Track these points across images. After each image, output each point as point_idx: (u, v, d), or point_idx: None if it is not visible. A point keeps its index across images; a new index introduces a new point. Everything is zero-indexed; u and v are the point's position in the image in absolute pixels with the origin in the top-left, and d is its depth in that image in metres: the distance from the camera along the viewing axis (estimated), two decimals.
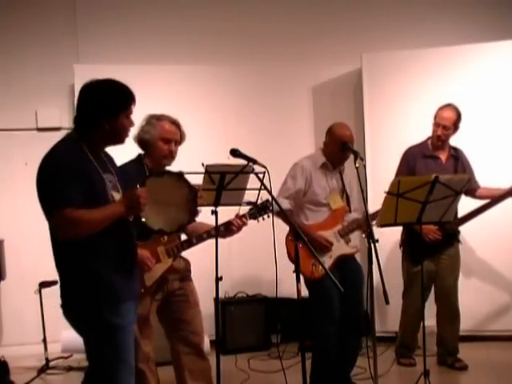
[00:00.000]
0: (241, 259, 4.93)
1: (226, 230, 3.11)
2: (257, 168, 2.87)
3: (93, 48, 5.32)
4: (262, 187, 2.83)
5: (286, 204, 3.65)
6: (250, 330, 4.85)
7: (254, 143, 4.49)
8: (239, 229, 3.11)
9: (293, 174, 3.79)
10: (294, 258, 2.88)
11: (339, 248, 3.73)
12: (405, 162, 4.21)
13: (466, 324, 4.47)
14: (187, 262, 3.25)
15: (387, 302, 3.01)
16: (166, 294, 3.14)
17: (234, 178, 2.85)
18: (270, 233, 2.97)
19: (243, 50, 5.48)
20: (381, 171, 4.65)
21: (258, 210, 3.18)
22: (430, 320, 4.12)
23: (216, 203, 2.89)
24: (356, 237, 3.93)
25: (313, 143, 5.24)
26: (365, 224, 3.31)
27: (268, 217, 3.19)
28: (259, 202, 3.16)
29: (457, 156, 4.21)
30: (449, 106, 4.17)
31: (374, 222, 3.43)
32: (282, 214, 3.19)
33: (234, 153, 2.97)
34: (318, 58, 5.55)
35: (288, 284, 3.06)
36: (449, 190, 3.21)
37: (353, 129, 3.94)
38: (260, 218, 3.20)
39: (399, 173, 4.16)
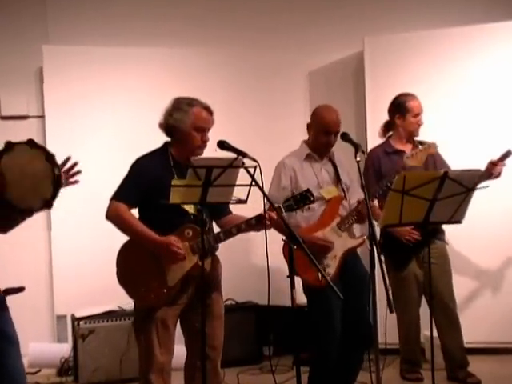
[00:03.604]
0: (229, 262, 4.80)
1: (258, 223, 3.09)
2: (247, 162, 2.87)
3: (64, 27, 5.27)
4: (253, 183, 2.82)
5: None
6: (239, 341, 4.85)
7: (244, 135, 4.50)
8: (273, 222, 3.09)
9: (275, 176, 3.80)
10: (288, 260, 2.87)
11: (343, 243, 3.69)
12: (370, 164, 4.29)
13: (475, 335, 4.49)
14: (217, 263, 3.24)
15: (391, 311, 2.99)
16: (189, 298, 3.13)
17: (222, 172, 2.83)
18: (261, 234, 2.97)
19: (232, 33, 5.48)
20: None
21: (296, 201, 3.17)
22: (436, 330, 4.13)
23: (202, 201, 2.88)
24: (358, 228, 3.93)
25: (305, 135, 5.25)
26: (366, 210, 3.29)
27: (309, 208, 3.18)
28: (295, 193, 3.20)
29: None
30: (413, 94, 4.33)
31: (377, 224, 3.44)
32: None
33: (222, 145, 2.96)
34: (315, 41, 5.56)
35: (282, 290, 3.06)
36: (459, 187, 3.21)
37: (353, 118, 3.96)
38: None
39: (368, 178, 4.18)
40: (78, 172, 2.72)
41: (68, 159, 2.66)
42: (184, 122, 3.12)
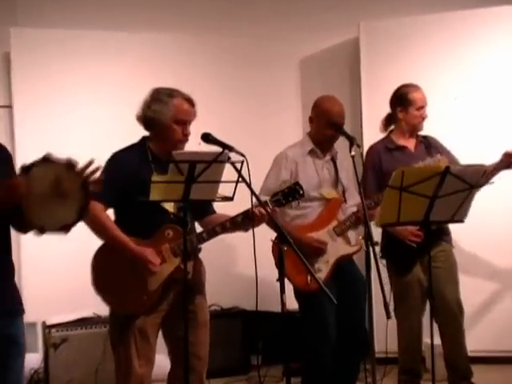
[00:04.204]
0: (214, 265, 4.79)
1: (245, 221, 3.11)
2: (233, 157, 2.87)
3: (34, 8, 5.23)
4: (240, 179, 2.83)
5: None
6: (225, 349, 4.85)
7: (230, 128, 4.50)
8: (261, 219, 3.10)
9: (275, 167, 3.83)
10: (278, 263, 2.88)
11: (337, 249, 3.74)
12: (369, 160, 4.26)
13: (476, 343, 4.53)
14: (200, 266, 3.25)
15: (389, 316, 3.03)
16: (171, 305, 3.13)
17: (206, 168, 2.84)
18: (249, 233, 2.98)
19: (217, 20, 5.48)
20: None
21: (285, 195, 3.19)
22: (437, 338, 4.14)
23: (184, 198, 2.88)
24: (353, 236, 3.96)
25: (300, 126, 5.26)
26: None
27: (298, 204, 3.22)
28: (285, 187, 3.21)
29: (427, 142, 4.29)
30: (415, 85, 4.30)
31: (373, 223, 3.46)
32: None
33: (207, 138, 2.97)
34: (307, 26, 5.57)
35: (271, 295, 3.07)
36: (462, 183, 3.22)
37: (348, 110, 3.97)
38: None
39: (366, 175, 4.19)
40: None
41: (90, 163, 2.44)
42: (164, 115, 3.13)
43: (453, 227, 4.22)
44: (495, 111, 5.09)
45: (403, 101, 4.26)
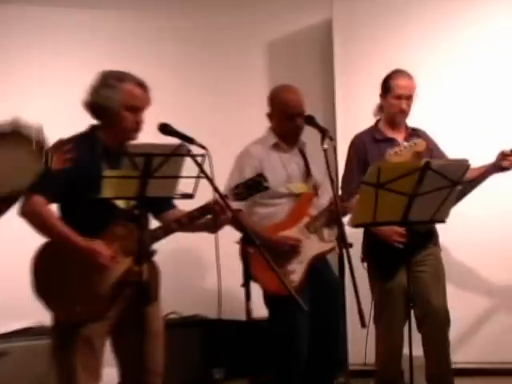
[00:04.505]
0: (172, 268, 4.80)
1: (203, 216, 3.09)
2: (194, 150, 2.87)
3: None
4: (201, 174, 2.82)
5: (235, 204, 3.66)
6: (183, 362, 4.81)
7: (190, 118, 4.51)
8: (223, 214, 3.08)
9: (238, 165, 3.85)
10: (243, 266, 2.88)
11: (311, 247, 3.75)
12: (353, 152, 4.26)
13: (460, 355, 4.59)
14: (154, 269, 3.21)
15: (364, 325, 3.03)
16: (121, 312, 3.10)
17: (165, 162, 2.81)
18: (212, 234, 3.01)
19: None
20: None
21: (247, 188, 3.17)
22: (416, 349, 4.15)
23: (140, 195, 2.85)
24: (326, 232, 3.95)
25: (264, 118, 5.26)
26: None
27: (266, 189, 3.17)
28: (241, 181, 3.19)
29: (417, 136, 4.26)
30: (403, 71, 4.27)
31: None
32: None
33: (165, 129, 2.96)
34: (275, 5, 5.56)
35: (235, 301, 3.07)
36: (443, 180, 3.25)
37: (320, 97, 4.00)
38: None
39: (348, 168, 4.20)
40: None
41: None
42: (113, 101, 3.09)
43: (445, 234, 4.23)
44: (489, 103, 5.04)
45: (385, 86, 4.24)
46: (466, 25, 5.08)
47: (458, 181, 3.29)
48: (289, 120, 3.80)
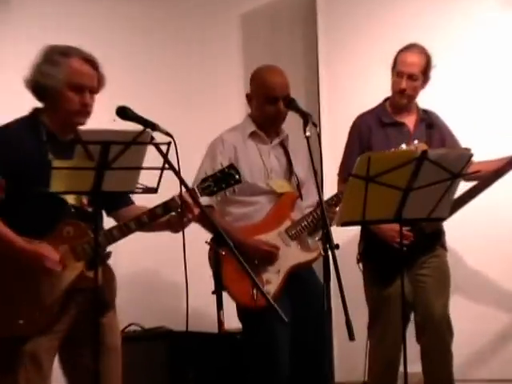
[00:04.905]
0: (133, 273, 4.90)
1: (166, 213, 3.09)
2: (158, 137, 2.84)
3: None
4: (166, 165, 2.80)
5: (204, 198, 3.64)
6: (146, 379, 4.79)
7: (153, 101, 4.56)
8: (190, 211, 3.06)
9: (209, 155, 3.85)
10: (215, 271, 2.86)
11: (290, 256, 3.76)
12: (356, 135, 4.28)
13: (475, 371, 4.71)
14: (110, 275, 3.20)
15: (352, 338, 3.01)
16: (71, 324, 3.08)
17: (124, 150, 2.77)
18: (178, 234, 2.99)
19: None
20: (343, 142, 4.60)
21: (216, 181, 3.18)
22: (413, 364, 4.15)
23: (95, 190, 2.82)
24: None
25: (242, 101, 5.21)
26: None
27: (234, 192, 3.22)
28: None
29: (430, 121, 4.31)
30: (414, 46, 4.26)
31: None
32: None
33: (124, 113, 2.94)
34: None
35: (205, 311, 3.05)
36: (442, 172, 3.25)
37: (302, 79, 3.98)
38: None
39: (349, 152, 4.22)
40: None
41: None
42: (56, 79, 3.07)
43: (452, 232, 4.25)
44: (493, 90, 5.04)
45: (394, 60, 4.24)
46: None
47: (458, 173, 3.30)
48: (269, 103, 3.81)
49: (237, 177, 3.22)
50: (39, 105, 3.18)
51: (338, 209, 3.64)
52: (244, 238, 3.67)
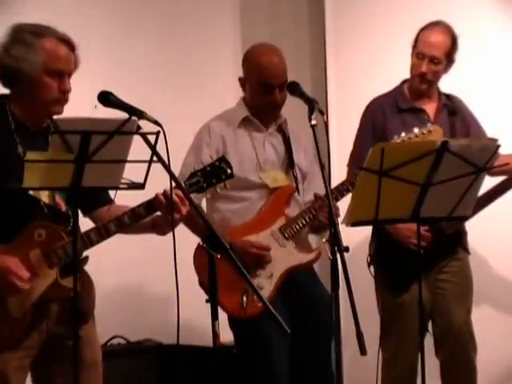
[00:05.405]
0: (116, 281, 4.91)
1: (150, 213, 3.09)
2: (145, 126, 2.83)
3: None
4: (154, 158, 2.80)
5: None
6: None
7: (141, 87, 4.58)
8: (179, 210, 3.06)
9: (195, 144, 3.86)
10: (209, 275, 2.88)
11: (285, 258, 3.75)
12: (369, 121, 4.30)
13: None
14: (87, 284, 3.18)
15: (363, 352, 2.99)
16: (44, 339, 3.06)
17: (107, 141, 2.77)
18: (166, 240, 2.96)
19: None
20: (353, 133, 4.62)
21: (206, 176, 3.17)
22: (432, 382, 4.10)
23: (74, 185, 2.81)
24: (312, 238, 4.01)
25: (239, 88, 5.24)
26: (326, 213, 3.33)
27: (226, 187, 3.20)
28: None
29: (453, 107, 4.32)
30: (438, 23, 4.27)
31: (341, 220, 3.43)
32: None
33: (106, 99, 2.94)
34: None
35: (197, 322, 3.03)
36: (465, 165, 3.24)
37: (307, 62, 3.96)
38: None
39: (360, 141, 4.24)
40: None
41: None
42: (29, 63, 3.06)
43: (475, 232, 4.26)
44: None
45: (415, 39, 4.24)
46: None
47: (484, 166, 3.29)
48: (262, 91, 3.81)
49: (228, 171, 3.23)
50: (5, 91, 3.16)
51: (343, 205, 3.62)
52: (230, 239, 3.60)
